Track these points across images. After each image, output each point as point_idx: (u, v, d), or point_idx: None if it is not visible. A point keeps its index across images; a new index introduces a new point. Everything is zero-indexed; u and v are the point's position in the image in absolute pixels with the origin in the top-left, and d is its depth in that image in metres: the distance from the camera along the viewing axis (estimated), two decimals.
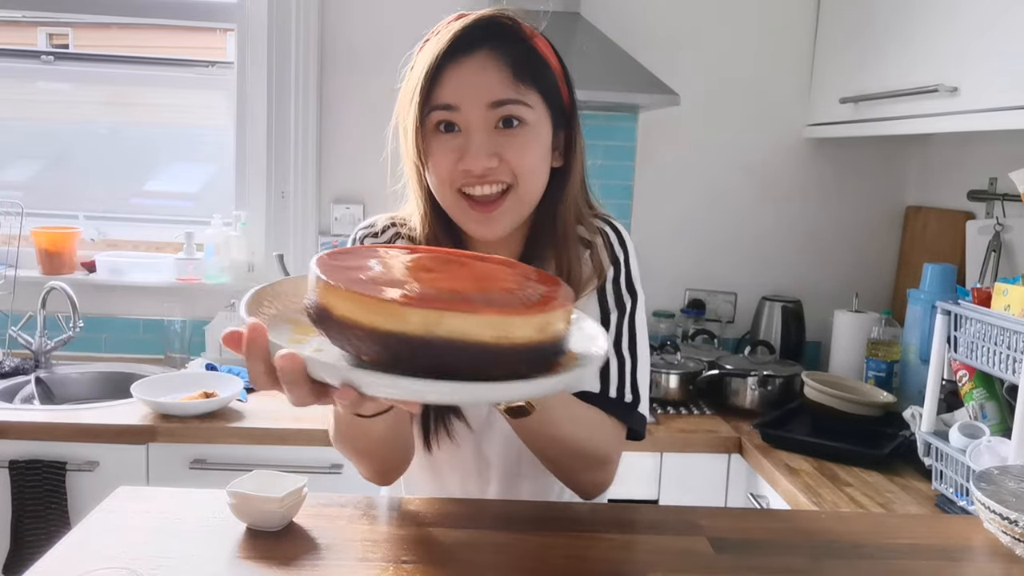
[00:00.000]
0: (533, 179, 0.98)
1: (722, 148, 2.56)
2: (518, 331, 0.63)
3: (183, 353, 2.43)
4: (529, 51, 0.98)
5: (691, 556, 0.95)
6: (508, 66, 0.95)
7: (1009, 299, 1.50)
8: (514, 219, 1.00)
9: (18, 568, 1.86)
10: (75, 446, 1.92)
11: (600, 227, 1.08)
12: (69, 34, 2.84)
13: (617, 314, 1.05)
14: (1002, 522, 0.97)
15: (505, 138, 0.95)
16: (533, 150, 0.97)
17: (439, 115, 0.95)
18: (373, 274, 0.68)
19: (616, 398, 1.03)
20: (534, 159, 0.97)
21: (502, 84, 0.94)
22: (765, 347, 2.36)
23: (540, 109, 0.98)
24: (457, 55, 0.94)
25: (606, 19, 2.39)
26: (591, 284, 1.05)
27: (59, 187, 2.62)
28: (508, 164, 0.95)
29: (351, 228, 2.54)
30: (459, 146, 0.95)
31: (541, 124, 0.98)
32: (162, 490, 1.10)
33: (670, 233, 2.58)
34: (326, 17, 2.43)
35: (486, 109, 0.94)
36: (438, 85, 0.94)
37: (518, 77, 0.95)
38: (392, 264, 0.72)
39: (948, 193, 2.36)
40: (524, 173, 0.96)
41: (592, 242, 1.06)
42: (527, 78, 0.96)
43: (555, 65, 1.01)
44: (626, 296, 1.06)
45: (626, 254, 1.08)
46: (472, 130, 0.94)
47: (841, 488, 1.72)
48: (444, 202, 1.00)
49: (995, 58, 1.66)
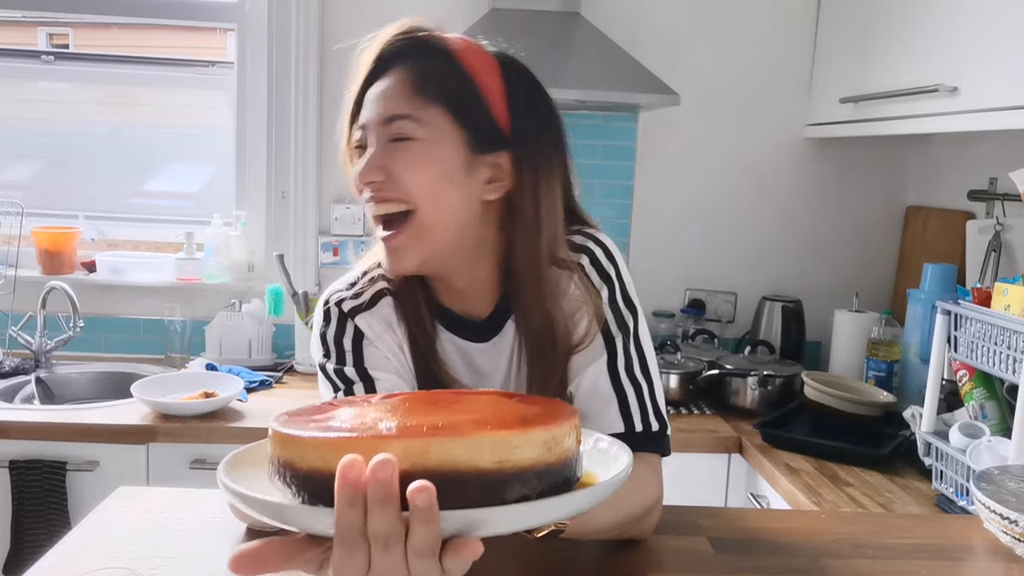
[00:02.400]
0: (433, 202, 0.89)
1: (722, 148, 2.56)
2: (521, 452, 0.55)
3: (183, 353, 2.43)
4: (443, 63, 0.91)
5: (691, 556, 0.95)
6: (412, 80, 0.90)
7: (1009, 299, 1.50)
8: (420, 251, 0.91)
9: (18, 568, 1.85)
10: (75, 446, 1.92)
11: (582, 244, 1.00)
12: (69, 34, 2.84)
13: (622, 337, 0.99)
14: (1002, 522, 0.97)
15: (393, 153, 0.89)
16: (423, 167, 0.89)
17: (356, 135, 0.94)
18: (341, 421, 0.60)
19: (643, 431, 0.98)
20: (426, 178, 0.89)
21: (397, 99, 0.90)
22: (765, 347, 2.36)
23: (442, 126, 0.90)
24: (370, 80, 0.93)
25: (606, 19, 2.39)
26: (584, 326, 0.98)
27: (59, 187, 2.62)
28: (395, 181, 0.89)
29: (351, 228, 2.57)
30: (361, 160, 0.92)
31: (440, 143, 0.90)
32: (162, 490, 1.10)
33: (670, 233, 2.58)
34: (326, 17, 2.43)
35: (381, 125, 0.90)
36: (361, 108, 0.93)
37: (419, 92, 0.90)
38: (364, 411, 0.62)
39: (948, 193, 2.36)
40: (417, 193, 0.88)
41: (579, 263, 0.99)
42: (429, 93, 0.90)
43: (486, 82, 0.92)
44: (627, 314, 1.00)
45: (617, 268, 1.00)
46: (371, 146, 0.91)
47: (841, 488, 1.72)
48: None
49: (995, 58, 1.66)
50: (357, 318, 0.99)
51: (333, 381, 0.98)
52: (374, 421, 0.58)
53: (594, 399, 0.99)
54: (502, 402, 0.65)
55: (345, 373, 0.97)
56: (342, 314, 0.99)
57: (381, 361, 0.98)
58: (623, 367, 0.99)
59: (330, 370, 0.98)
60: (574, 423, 0.61)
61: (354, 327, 0.99)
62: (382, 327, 0.99)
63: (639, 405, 0.98)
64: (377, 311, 1.00)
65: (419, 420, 0.57)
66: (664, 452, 1.01)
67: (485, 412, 0.60)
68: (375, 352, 0.98)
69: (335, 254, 2.51)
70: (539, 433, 0.56)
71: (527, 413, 0.60)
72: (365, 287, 1.00)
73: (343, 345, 0.99)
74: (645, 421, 0.98)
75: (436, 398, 0.67)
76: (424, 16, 0.96)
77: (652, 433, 0.99)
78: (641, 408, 0.98)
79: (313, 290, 2.48)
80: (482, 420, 0.57)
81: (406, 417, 0.59)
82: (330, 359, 0.99)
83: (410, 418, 0.58)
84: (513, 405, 0.64)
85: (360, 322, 0.99)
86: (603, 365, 0.99)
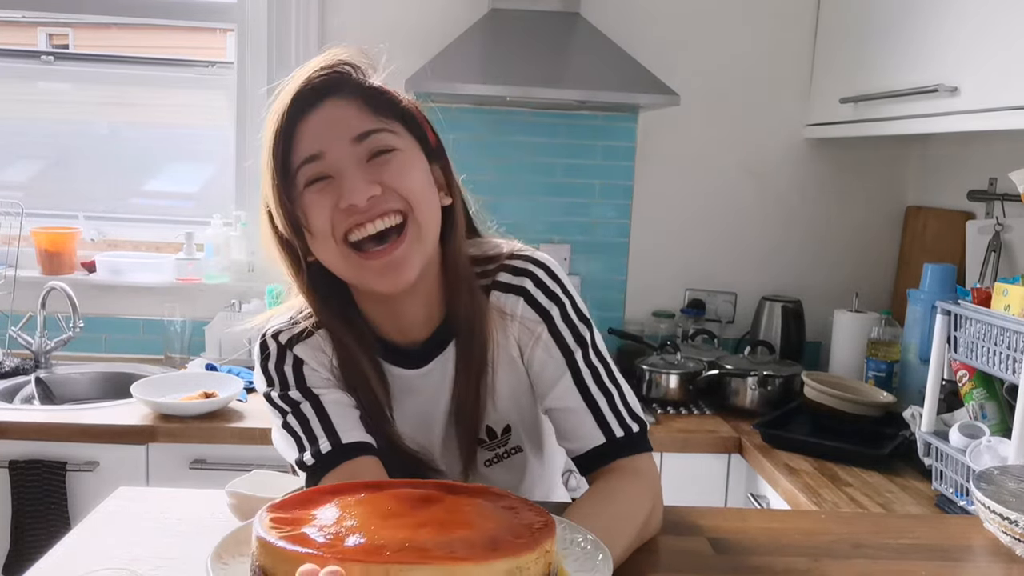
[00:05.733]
0: (427, 203, 0.92)
1: (722, 148, 2.56)
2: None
3: (183, 353, 2.43)
4: (375, 87, 0.94)
5: (691, 556, 0.95)
6: (359, 101, 0.91)
7: (1009, 299, 1.50)
8: (419, 256, 0.92)
9: (18, 568, 1.85)
10: (75, 446, 1.92)
11: (523, 267, 1.01)
12: (69, 34, 2.84)
13: (581, 351, 1.01)
14: (1002, 522, 0.97)
15: (380, 166, 0.89)
16: (414, 172, 0.92)
17: (305, 170, 0.89)
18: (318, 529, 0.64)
19: (625, 435, 0.99)
20: (419, 181, 0.92)
21: (360, 118, 0.90)
22: (765, 347, 2.36)
23: (407, 137, 0.93)
24: (304, 112, 0.90)
25: (606, 19, 2.39)
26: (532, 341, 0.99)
27: (59, 187, 2.62)
28: (392, 189, 0.89)
29: None
30: (333, 191, 0.88)
31: (413, 150, 0.93)
32: (162, 490, 1.10)
33: (670, 233, 2.58)
34: (326, 17, 2.43)
35: (351, 145, 0.89)
36: (294, 143, 0.89)
37: (373, 109, 0.91)
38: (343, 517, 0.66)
39: (948, 193, 2.36)
40: (414, 196, 0.90)
41: (523, 287, 1.00)
42: (382, 109, 0.92)
43: (408, 103, 0.96)
44: (581, 327, 1.01)
45: (563, 286, 1.01)
46: (343, 169, 0.88)
47: (841, 488, 1.72)
48: (334, 265, 0.92)
49: (995, 58, 1.66)
50: (295, 347, 1.00)
51: (279, 406, 0.99)
52: (347, 532, 0.62)
53: (569, 416, 1.00)
54: (485, 513, 0.67)
55: (290, 396, 0.99)
56: (279, 345, 1.01)
57: (322, 381, 1.00)
58: (590, 379, 1.01)
59: (275, 397, 0.99)
60: (545, 547, 0.63)
61: (293, 356, 1.00)
62: (321, 355, 1.00)
63: (613, 413, 1.00)
64: (312, 341, 1.00)
65: (390, 535, 0.61)
66: (648, 449, 1.02)
67: (458, 528, 0.63)
68: (315, 374, 0.99)
69: None
70: (501, 563, 0.58)
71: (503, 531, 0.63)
72: (301, 320, 1.01)
73: (284, 371, 1.00)
74: (624, 426, 1.00)
75: (421, 499, 0.69)
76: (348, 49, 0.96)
77: (634, 435, 1.00)
78: (616, 414, 1.00)
79: None
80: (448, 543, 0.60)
81: (379, 530, 0.62)
82: (274, 387, 1.00)
83: (383, 531, 0.62)
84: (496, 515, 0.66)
85: (298, 351, 1.00)
86: (569, 381, 1.00)
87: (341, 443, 0.95)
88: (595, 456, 0.99)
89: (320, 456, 0.94)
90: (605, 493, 0.95)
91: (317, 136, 0.89)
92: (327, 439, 0.95)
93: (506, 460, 1.07)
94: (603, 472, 0.99)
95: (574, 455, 1.01)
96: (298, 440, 0.97)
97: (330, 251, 0.91)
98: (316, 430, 0.96)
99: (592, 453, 0.99)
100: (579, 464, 1.02)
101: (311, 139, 0.89)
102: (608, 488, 0.96)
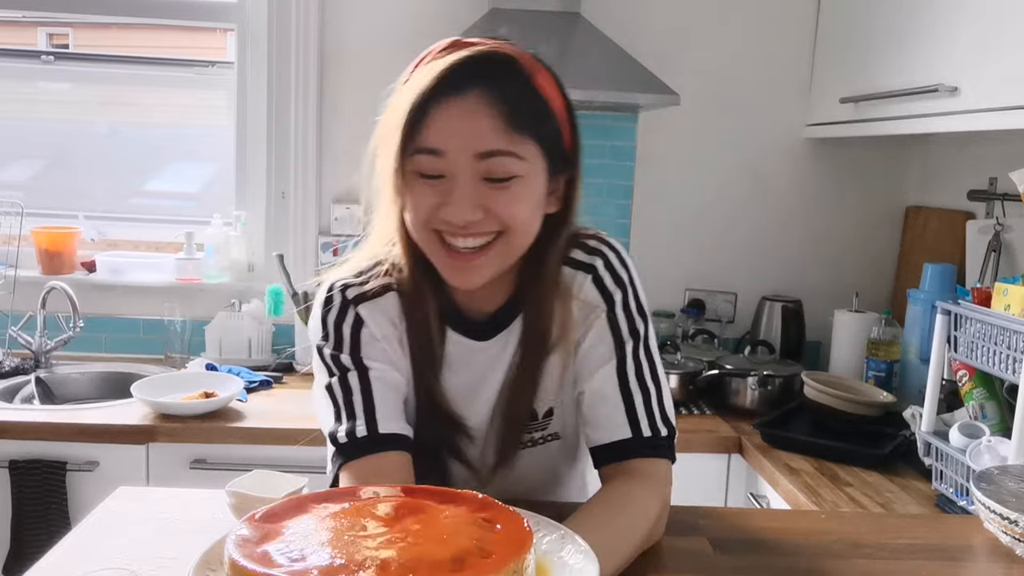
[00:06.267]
0: (526, 229, 0.92)
1: (722, 148, 2.56)
2: None
3: (183, 353, 2.43)
4: (528, 93, 0.89)
5: (691, 556, 0.95)
6: (502, 112, 0.86)
7: (1009, 299, 1.50)
8: (498, 270, 0.93)
9: (18, 568, 1.85)
10: (75, 446, 1.92)
11: (597, 247, 1.01)
12: (69, 34, 2.84)
13: (632, 343, 1.00)
14: (1002, 522, 0.97)
15: (493, 191, 0.87)
16: (524, 203, 0.89)
17: (422, 160, 0.87)
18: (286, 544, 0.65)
19: (651, 436, 0.98)
20: (525, 212, 0.90)
21: (494, 132, 0.86)
22: (765, 347, 2.36)
23: (535, 159, 0.89)
24: (446, 94, 0.86)
25: (606, 19, 2.39)
26: (588, 321, 0.99)
27: (59, 187, 2.62)
28: (496, 216, 0.88)
29: (351, 228, 2.56)
30: (442, 192, 0.88)
31: (535, 175, 0.90)
32: (162, 490, 1.10)
33: (670, 233, 2.58)
34: (326, 17, 2.43)
35: (474, 159, 0.86)
36: (423, 127, 0.86)
37: (512, 125, 0.86)
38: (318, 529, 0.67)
39: (948, 193, 2.36)
40: (515, 223, 0.90)
41: (592, 266, 1.00)
42: (523, 126, 0.87)
43: (558, 105, 0.93)
44: (638, 320, 1.01)
45: (630, 274, 1.02)
46: (456, 179, 0.87)
47: (841, 488, 1.72)
48: (419, 241, 0.93)
49: (995, 58, 1.66)
50: (360, 306, 0.99)
51: (328, 365, 0.98)
52: (314, 548, 0.63)
53: (602, 404, 0.99)
54: (464, 525, 0.68)
55: (341, 360, 0.97)
56: (345, 300, 0.99)
57: (377, 351, 0.98)
58: (632, 372, 0.99)
59: (326, 354, 0.98)
60: (512, 568, 0.63)
61: (355, 314, 0.99)
62: (384, 319, 0.99)
63: (647, 411, 0.99)
64: (381, 302, 1.00)
65: (354, 553, 0.62)
66: (672, 458, 1.01)
67: (428, 544, 0.64)
68: (373, 341, 0.98)
69: (335, 254, 2.51)
70: None
71: (474, 548, 0.64)
72: (372, 278, 1.00)
73: (342, 331, 0.99)
74: (653, 426, 0.98)
75: (408, 509, 0.70)
76: (507, 39, 0.93)
77: (660, 438, 0.99)
78: (648, 414, 0.99)
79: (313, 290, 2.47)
80: (413, 563, 0.61)
81: (345, 547, 0.64)
82: (328, 342, 0.99)
83: (348, 548, 0.63)
84: (471, 530, 0.67)
85: (362, 310, 0.99)
86: (612, 370, 0.99)
87: (377, 431, 0.94)
88: (616, 449, 0.98)
89: (353, 439, 0.94)
90: (616, 500, 0.93)
91: (445, 133, 0.86)
92: (364, 422, 0.94)
93: (541, 445, 1.06)
94: (618, 471, 0.98)
95: (594, 444, 1.00)
96: (336, 409, 0.96)
97: (418, 231, 0.92)
98: (356, 407, 0.95)
99: (614, 446, 0.98)
100: (596, 455, 1.00)
101: (438, 133, 0.86)
102: (620, 493, 0.95)
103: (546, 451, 1.07)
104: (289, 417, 2.00)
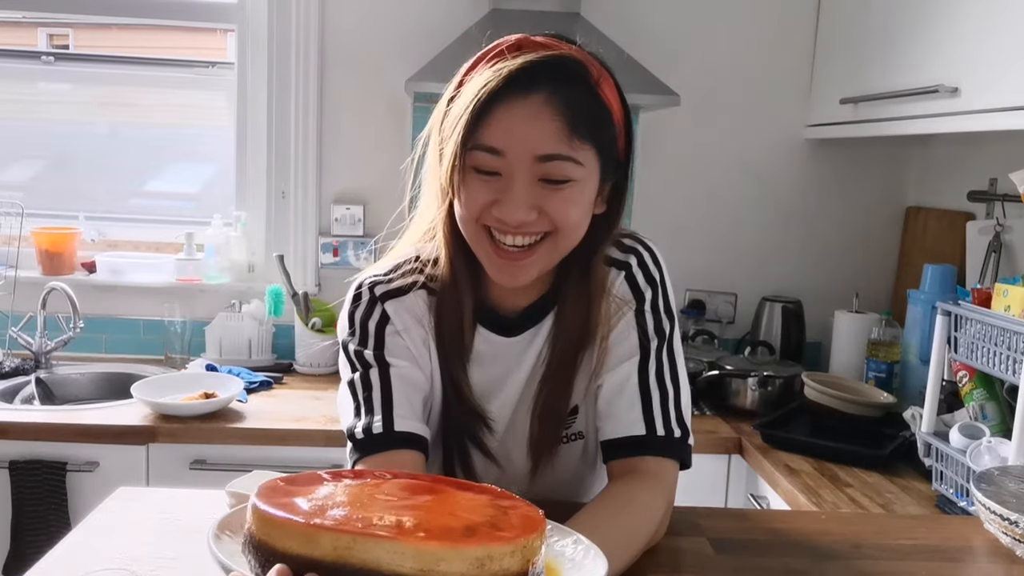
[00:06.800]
0: (574, 232, 0.93)
1: (722, 148, 2.56)
2: (447, 565, 0.57)
3: (183, 354, 2.43)
4: (592, 100, 0.90)
5: (691, 556, 0.95)
6: (566, 117, 0.87)
7: (1009, 300, 1.50)
8: (543, 269, 0.94)
9: (18, 568, 1.85)
10: (75, 446, 1.92)
11: (632, 246, 1.03)
12: (69, 34, 2.84)
13: (657, 342, 1.01)
14: (1002, 523, 0.97)
15: (548, 192, 0.89)
16: (576, 205, 0.91)
17: (481, 156, 0.88)
18: (311, 498, 0.65)
19: (665, 435, 0.98)
20: (576, 215, 0.91)
21: (555, 137, 0.87)
22: (765, 347, 2.36)
23: (591, 164, 0.90)
24: (512, 95, 0.87)
25: (606, 19, 2.39)
26: (617, 317, 1.00)
27: (59, 187, 2.62)
28: (548, 217, 0.90)
29: (351, 228, 2.56)
30: (497, 190, 0.89)
31: (589, 180, 0.91)
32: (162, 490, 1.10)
33: (670, 233, 2.58)
34: (326, 17, 2.43)
35: (533, 161, 0.87)
36: (484, 123, 0.87)
37: (574, 130, 0.87)
38: (334, 493, 0.67)
39: (948, 194, 2.36)
40: (566, 225, 0.91)
41: (627, 263, 1.02)
42: (583, 132, 0.88)
43: (617, 113, 0.94)
44: (665, 321, 1.02)
45: (662, 275, 1.04)
46: (514, 179, 0.88)
47: (841, 488, 1.72)
48: (467, 235, 0.94)
49: (995, 58, 1.66)
50: (387, 303, 1.00)
51: (352, 361, 1.00)
52: (329, 505, 0.63)
53: (619, 398, 1.00)
54: (479, 506, 0.67)
55: (364, 356, 0.99)
56: (372, 296, 1.01)
57: (401, 348, 0.99)
58: (654, 371, 1.00)
59: (351, 350, 1.00)
60: (522, 543, 0.61)
61: (381, 310, 1.00)
62: (410, 316, 1.00)
63: (663, 410, 0.99)
64: (408, 300, 1.01)
65: (371, 512, 0.61)
66: (683, 461, 1.00)
67: (442, 516, 0.63)
68: (397, 339, 0.99)
69: (335, 254, 2.51)
70: (472, 550, 0.58)
71: (486, 523, 0.62)
72: (402, 275, 1.01)
73: (368, 327, 1.00)
74: (667, 427, 0.99)
75: (420, 488, 0.69)
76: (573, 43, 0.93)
77: (673, 439, 0.99)
78: (664, 414, 0.99)
79: (313, 291, 2.48)
80: (425, 525, 0.60)
81: (363, 508, 0.63)
82: (353, 338, 1.00)
83: (366, 509, 0.62)
84: (486, 510, 0.66)
85: (389, 307, 1.00)
86: (634, 366, 1.00)
87: (393, 429, 0.95)
88: (627, 445, 0.98)
89: (369, 434, 0.94)
90: (623, 502, 0.93)
91: (508, 134, 0.87)
92: (381, 419, 0.95)
93: (565, 445, 1.06)
94: (626, 468, 0.98)
95: (607, 438, 1.00)
96: (356, 405, 0.97)
97: (468, 226, 0.92)
98: (375, 403, 0.96)
99: (626, 441, 0.98)
100: (607, 449, 1.00)
101: (501, 133, 0.87)
102: (625, 494, 0.94)
103: (570, 450, 1.07)
104: (289, 417, 2.00)
